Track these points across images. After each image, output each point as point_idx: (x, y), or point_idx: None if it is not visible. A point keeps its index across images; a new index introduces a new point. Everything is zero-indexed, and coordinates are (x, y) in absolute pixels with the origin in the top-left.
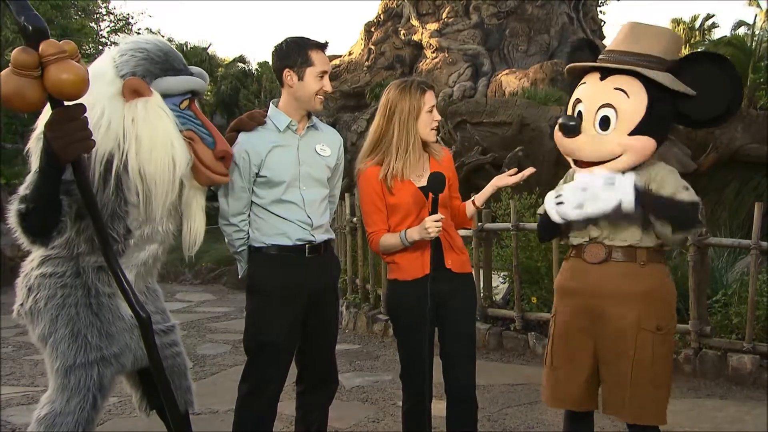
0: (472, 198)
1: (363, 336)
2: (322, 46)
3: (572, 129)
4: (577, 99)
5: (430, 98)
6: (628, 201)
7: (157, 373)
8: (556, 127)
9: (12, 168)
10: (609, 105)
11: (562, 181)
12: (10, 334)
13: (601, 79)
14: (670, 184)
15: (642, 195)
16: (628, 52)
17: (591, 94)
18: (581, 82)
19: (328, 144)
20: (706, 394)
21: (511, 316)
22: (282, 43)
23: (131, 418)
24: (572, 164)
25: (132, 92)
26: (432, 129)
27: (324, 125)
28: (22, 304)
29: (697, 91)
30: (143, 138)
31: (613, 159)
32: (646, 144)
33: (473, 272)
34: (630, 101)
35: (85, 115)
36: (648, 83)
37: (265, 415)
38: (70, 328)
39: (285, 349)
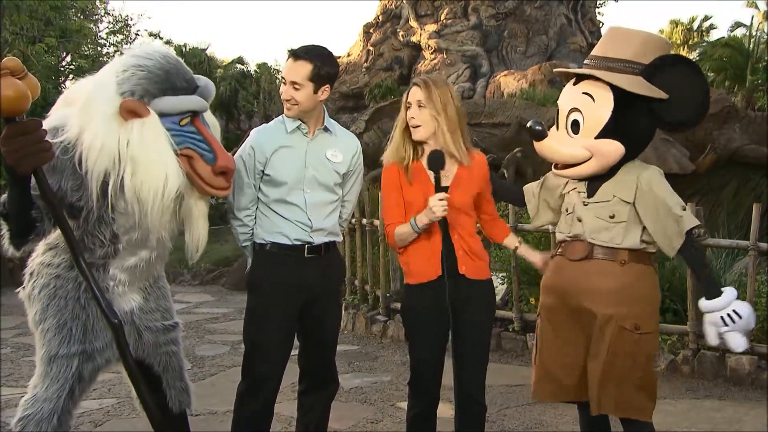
0: (519, 241)
1: (362, 337)
2: (290, 54)
3: (537, 133)
4: (557, 104)
5: (409, 94)
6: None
7: (129, 375)
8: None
9: None
10: (577, 109)
11: (538, 183)
12: (8, 335)
13: (574, 84)
14: (664, 203)
15: (711, 291)
16: (604, 56)
17: (564, 99)
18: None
19: (341, 150)
20: (705, 394)
21: (510, 317)
22: None
23: (130, 419)
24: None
25: (129, 113)
26: (412, 126)
27: (342, 130)
28: (24, 287)
29: (669, 94)
30: (139, 160)
31: (581, 163)
32: (613, 148)
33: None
34: (595, 105)
35: (43, 128)
36: (614, 87)
37: (262, 414)
38: (57, 319)
39: (278, 347)
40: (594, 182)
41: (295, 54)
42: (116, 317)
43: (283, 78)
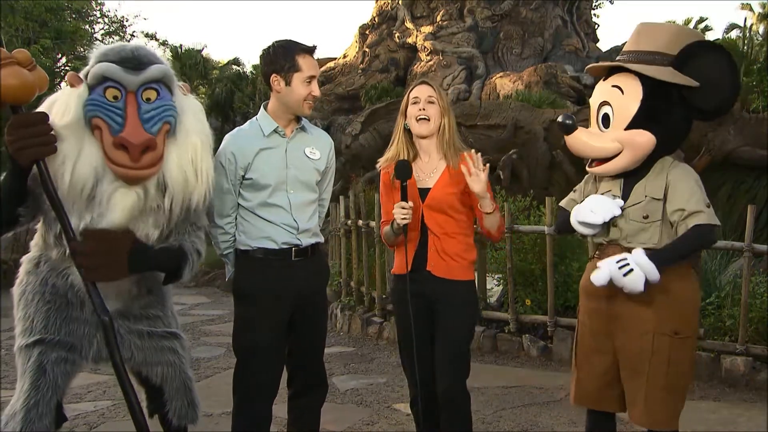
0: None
1: (357, 338)
2: (309, 51)
3: (567, 127)
4: (589, 103)
5: (415, 91)
6: (653, 276)
7: (117, 374)
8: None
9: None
10: (606, 102)
11: (581, 184)
12: (4, 338)
13: (604, 79)
14: (681, 198)
15: (658, 260)
16: (633, 50)
17: (594, 95)
18: None
19: (317, 147)
20: (700, 396)
21: (506, 319)
22: (269, 47)
23: (125, 421)
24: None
25: (69, 84)
26: (417, 120)
27: (314, 128)
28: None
29: (700, 81)
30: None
31: (613, 157)
32: (644, 138)
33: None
34: (624, 96)
35: (48, 123)
36: (644, 78)
37: (257, 419)
38: (24, 312)
39: (269, 352)
40: (629, 184)
41: (311, 49)
42: (107, 314)
43: (310, 76)
